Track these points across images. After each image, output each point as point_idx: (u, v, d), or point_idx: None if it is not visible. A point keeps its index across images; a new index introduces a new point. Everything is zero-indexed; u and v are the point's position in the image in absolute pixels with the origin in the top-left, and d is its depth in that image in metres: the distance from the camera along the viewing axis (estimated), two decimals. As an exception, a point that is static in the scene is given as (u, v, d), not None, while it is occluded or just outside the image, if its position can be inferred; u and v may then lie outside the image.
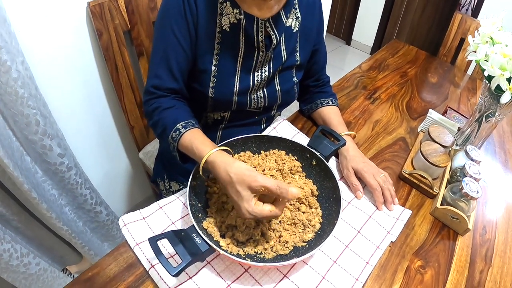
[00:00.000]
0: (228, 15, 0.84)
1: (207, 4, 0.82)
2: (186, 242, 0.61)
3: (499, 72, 0.83)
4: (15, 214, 1.20)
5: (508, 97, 0.83)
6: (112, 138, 1.52)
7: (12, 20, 0.94)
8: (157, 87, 0.85)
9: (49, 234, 1.39)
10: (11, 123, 1.05)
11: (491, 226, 0.92)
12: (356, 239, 0.79)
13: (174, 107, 0.84)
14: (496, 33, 0.88)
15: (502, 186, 1.06)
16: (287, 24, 0.92)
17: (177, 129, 0.79)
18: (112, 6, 1.14)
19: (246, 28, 0.85)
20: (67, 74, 1.20)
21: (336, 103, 1.11)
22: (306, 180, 0.84)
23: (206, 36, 0.85)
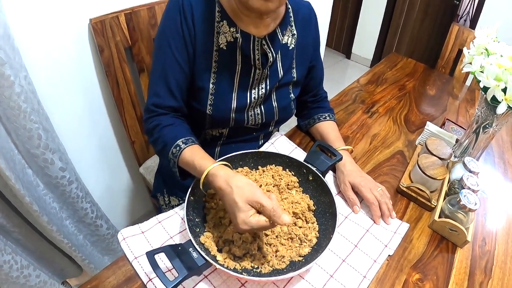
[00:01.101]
0: (225, 34, 0.86)
1: (205, 23, 0.85)
2: (183, 256, 0.62)
3: (494, 83, 0.84)
4: (16, 226, 1.22)
5: (504, 107, 0.84)
6: (113, 152, 1.54)
7: (15, 36, 0.97)
8: (156, 105, 0.87)
9: (49, 247, 1.40)
10: (13, 137, 1.07)
11: (491, 237, 0.92)
12: (353, 253, 0.79)
13: (173, 124, 0.86)
14: (491, 44, 0.90)
15: (502, 197, 1.06)
16: (283, 41, 0.94)
17: (177, 145, 0.80)
18: (113, 23, 1.17)
19: (242, 47, 0.87)
20: (69, 89, 1.23)
21: (334, 118, 1.13)
22: (302, 195, 0.85)
23: (203, 55, 0.87)
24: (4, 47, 0.91)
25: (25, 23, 1.02)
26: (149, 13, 1.25)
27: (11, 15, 0.95)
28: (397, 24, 3.81)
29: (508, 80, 0.82)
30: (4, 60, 0.91)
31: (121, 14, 1.17)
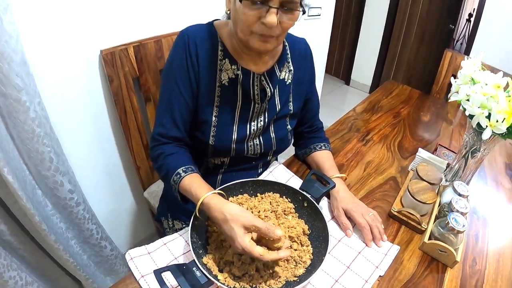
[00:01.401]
0: (227, 71, 0.94)
1: (208, 61, 0.92)
2: (187, 274, 0.67)
3: (479, 111, 0.90)
4: (22, 243, 1.25)
5: (489, 133, 0.89)
6: (119, 177, 1.60)
7: (30, 63, 1.03)
8: (162, 135, 0.94)
9: (53, 265, 1.43)
10: (25, 159, 1.13)
11: (482, 257, 0.96)
12: (345, 274, 0.84)
13: (176, 153, 0.93)
14: (477, 73, 0.97)
15: (494, 218, 1.10)
16: (281, 77, 1.02)
17: (178, 173, 0.87)
18: (122, 55, 1.24)
19: (243, 83, 0.95)
20: (79, 115, 1.30)
21: (329, 148, 1.19)
22: (298, 220, 0.91)
23: (207, 90, 0.95)
24: (21, 74, 0.98)
25: (40, 51, 1.09)
26: (156, 45, 1.33)
27: (27, 43, 1.03)
28: (394, 50, 3.90)
29: (492, 107, 0.88)
30: (21, 86, 0.98)
31: (130, 46, 1.26)
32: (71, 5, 1.10)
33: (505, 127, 0.87)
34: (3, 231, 1.15)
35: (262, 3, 0.77)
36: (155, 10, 1.34)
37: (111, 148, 1.48)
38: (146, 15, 1.32)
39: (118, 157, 1.53)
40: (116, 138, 1.46)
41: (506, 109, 0.86)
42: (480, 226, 1.06)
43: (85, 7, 1.14)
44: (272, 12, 0.77)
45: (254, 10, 0.78)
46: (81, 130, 1.33)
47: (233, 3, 0.83)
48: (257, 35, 0.82)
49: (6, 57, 0.93)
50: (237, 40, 0.91)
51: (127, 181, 1.64)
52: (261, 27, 0.80)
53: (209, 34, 0.94)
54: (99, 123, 1.38)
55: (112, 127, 1.43)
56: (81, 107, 1.29)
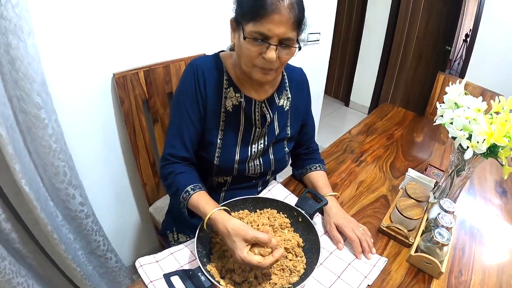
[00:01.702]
0: (231, 98, 1.04)
1: (215, 89, 1.03)
2: (193, 279, 0.77)
3: (460, 133, 0.99)
4: (31, 252, 1.32)
5: (470, 153, 0.97)
6: (126, 192, 1.68)
7: (49, 83, 1.13)
8: (172, 155, 1.03)
9: (59, 275, 1.49)
10: (41, 172, 1.21)
11: (468, 268, 1.02)
12: (336, 282, 0.91)
13: (185, 172, 1.02)
14: (460, 98, 1.06)
15: (480, 232, 1.17)
16: (280, 104, 1.12)
17: (187, 191, 0.96)
18: (133, 78, 1.35)
19: (245, 109, 1.06)
20: (91, 133, 1.39)
21: (324, 168, 1.28)
22: (293, 234, 0.99)
23: (213, 115, 1.05)
24: (42, 93, 1.08)
25: (58, 73, 1.20)
26: (164, 70, 1.44)
27: (46, 64, 1.12)
28: (392, 72, 3.99)
29: (473, 130, 0.96)
30: (41, 105, 1.08)
31: (140, 71, 1.36)
32: (88, 31, 1.22)
33: (485, 147, 0.95)
34: (13, 239, 1.22)
35: (263, 41, 0.88)
36: (163, 38, 1.45)
37: (119, 165, 1.57)
38: (155, 42, 1.43)
39: (126, 174, 1.62)
40: (125, 155, 1.55)
41: (486, 130, 0.95)
42: (467, 240, 1.13)
43: (101, 33, 1.25)
44: (271, 49, 0.88)
45: (256, 46, 0.89)
46: (93, 146, 1.43)
47: (237, 39, 0.94)
48: (258, 67, 0.93)
49: (28, 77, 1.03)
50: (240, 70, 1.02)
51: (133, 196, 1.72)
52: (262, 61, 0.91)
53: (216, 65, 1.05)
54: (110, 141, 1.47)
55: (122, 145, 1.52)
56: (93, 125, 1.39)
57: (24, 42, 1.00)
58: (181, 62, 1.50)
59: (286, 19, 0.85)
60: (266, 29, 0.85)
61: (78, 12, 1.17)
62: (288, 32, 0.87)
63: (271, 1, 0.83)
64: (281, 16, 0.84)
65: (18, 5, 0.95)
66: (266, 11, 0.83)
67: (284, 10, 0.84)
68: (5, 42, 0.98)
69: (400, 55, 3.89)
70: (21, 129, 1.12)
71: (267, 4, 0.83)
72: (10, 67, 1.02)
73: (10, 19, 0.96)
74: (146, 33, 1.39)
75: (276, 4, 0.83)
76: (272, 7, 0.83)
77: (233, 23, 0.96)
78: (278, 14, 0.84)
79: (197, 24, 1.56)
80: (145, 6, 1.34)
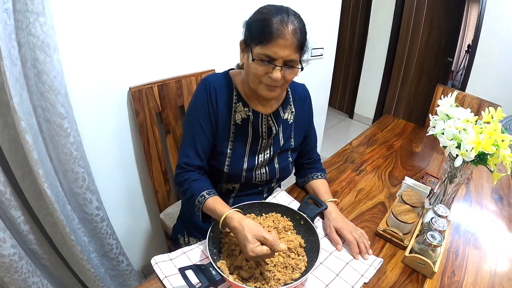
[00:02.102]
0: (240, 112, 1.14)
1: (225, 104, 1.13)
2: (205, 272, 0.85)
3: (450, 143, 1.06)
4: (46, 253, 1.39)
5: (460, 161, 1.04)
6: (138, 199, 1.76)
7: (70, 95, 1.22)
8: (187, 164, 1.12)
9: (71, 277, 1.56)
10: (60, 177, 1.30)
11: (461, 270, 1.07)
12: (335, 280, 0.99)
13: (199, 179, 1.11)
14: (451, 109, 1.13)
15: (475, 236, 1.22)
16: (284, 117, 1.22)
17: (203, 195, 1.05)
18: (148, 92, 1.44)
19: (253, 122, 1.16)
20: (108, 142, 1.48)
21: (325, 177, 1.37)
22: (296, 236, 1.07)
23: (224, 128, 1.14)
24: (65, 104, 1.18)
25: (79, 86, 1.29)
26: (176, 85, 1.53)
27: (68, 77, 1.22)
28: (395, 84, 4.04)
29: (462, 139, 1.04)
30: (64, 115, 1.18)
31: (154, 85, 1.45)
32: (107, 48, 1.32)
33: (473, 155, 1.02)
34: (31, 240, 1.30)
35: (269, 62, 0.98)
36: (176, 55, 1.56)
37: (133, 173, 1.65)
38: (168, 59, 1.53)
39: (139, 181, 1.70)
40: (138, 164, 1.64)
41: (474, 139, 1.02)
42: (461, 244, 1.18)
43: (118, 50, 1.36)
44: (277, 69, 0.99)
45: (263, 66, 1.00)
46: (108, 155, 1.51)
47: (246, 59, 1.05)
48: (264, 85, 1.04)
49: (54, 89, 1.13)
50: (248, 87, 1.12)
51: (145, 203, 1.80)
52: (268, 79, 1.01)
53: (226, 82, 1.15)
54: (125, 150, 1.56)
55: (136, 154, 1.61)
56: (110, 135, 1.48)
57: (51, 57, 1.10)
58: (192, 78, 1.60)
59: (290, 43, 0.96)
60: (272, 52, 0.96)
61: (98, 31, 1.28)
62: (292, 55, 0.98)
63: (277, 27, 0.94)
64: (286, 41, 0.95)
65: (46, 24, 1.06)
66: (272, 36, 0.94)
67: (288, 35, 0.95)
68: (33, 57, 1.09)
69: (402, 68, 3.95)
70: (44, 137, 1.21)
71: (273, 30, 0.94)
72: (37, 79, 1.12)
73: (38, 36, 1.06)
74: (160, 50, 1.49)
75: (281, 30, 0.94)
76: (277, 32, 0.94)
77: (242, 44, 1.07)
78: (283, 39, 0.95)
79: (207, 43, 1.67)
80: (160, 26, 1.45)
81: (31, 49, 1.08)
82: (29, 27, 1.05)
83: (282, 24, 0.94)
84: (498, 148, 1.02)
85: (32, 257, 1.33)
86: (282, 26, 0.94)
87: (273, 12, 0.97)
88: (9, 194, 1.16)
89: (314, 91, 1.33)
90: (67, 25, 1.19)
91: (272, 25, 0.94)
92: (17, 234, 1.26)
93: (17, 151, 1.17)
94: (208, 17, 1.62)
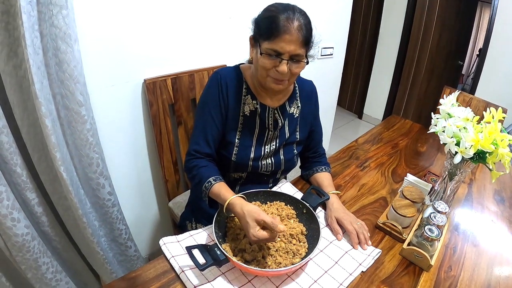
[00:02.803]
0: (249, 104, 1.20)
1: (235, 96, 1.19)
2: (210, 252, 0.91)
3: (450, 140, 1.10)
4: (57, 235, 1.45)
5: (459, 158, 1.08)
6: (148, 187, 1.82)
7: (88, 84, 1.28)
8: (196, 151, 1.18)
9: (80, 260, 1.62)
10: (75, 162, 1.36)
11: (458, 265, 1.09)
12: (334, 267, 1.03)
13: (207, 166, 1.17)
14: (453, 108, 1.17)
15: (474, 234, 1.25)
16: (290, 112, 1.27)
17: (209, 181, 1.10)
18: (162, 84, 1.49)
19: (260, 114, 1.21)
20: (122, 131, 1.53)
21: (329, 170, 1.41)
22: (298, 223, 1.12)
23: (233, 118, 1.20)
24: (83, 92, 1.24)
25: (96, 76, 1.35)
26: (189, 78, 1.58)
27: (86, 67, 1.27)
28: (405, 86, 4.03)
29: (462, 137, 1.08)
30: (82, 103, 1.24)
31: (168, 78, 1.51)
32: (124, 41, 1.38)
33: (472, 152, 1.06)
34: (44, 222, 1.36)
35: (276, 56, 1.04)
36: (189, 50, 1.61)
37: (144, 161, 1.71)
38: (182, 53, 1.59)
39: (150, 170, 1.76)
40: (150, 153, 1.70)
41: (473, 137, 1.06)
42: (459, 241, 1.20)
43: (135, 44, 1.41)
44: (283, 63, 1.04)
45: (271, 60, 1.05)
46: (122, 143, 1.57)
47: (255, 54, 1.11)
48: (272, 78, 1.09)
49: (73, 78, 1.19)
50: (257, 81, 1.18)
51: (154, 191, 1.85)
52: (275, 73, 1.07)
53: (236, 75, 1.21)
54: (137, 139, 1.62)
55: (148, 144, 1.67)
56: (124, 124, 1.53)
57: (72, 47, 1.16)
58: (204, 72, 1.65)
59: (296, 38, 1.01)
60: (279, 46, 1.02)
61: (116, 25, 1.34)
62: (297, 49, 1.03)
63: (283, 24, 1.00)
64: (291, 36, 1.01)
65: (68, 16, 1.12)
66: (279, 32, 1.00)
67: (294, 31, 1.00)
68: (54, 47, 1.15)
69: (413, 70, 3.94)
70: (62, 123, 1.27)
71: (280, 26, 1.00)
72: (57, 68, 1.18)
73: (60, 27, 1.12)
74: (174, 45, 1.55)
75: (287, 26, 1.00)
76: (283, 28, 1.00)
77: (251, 40, 1.14)
78: (289, 35, 1.00)
79: (220, 39, 1.72)
80: (174, 22, 1.51)
81: (53, 39, 1.14)
82: (51, 18, 1.11)
83: (288, 20, 1.00)
84: (497, 147, 1.05)
85: (44, 238, 1.39)
86: (288, 22, 1.00)
87: (280, 9, 1.03)
88: (25, 176, 1.23)
89: (323, 90, 1.38)
90: (88, 18, 1.25)
91: (279, 21, 1.00)
92: (31, 215, 1.32)
93: (35, 135, 1.23)
94: (221, 15, 1.68)
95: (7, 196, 1.13)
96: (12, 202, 1.16)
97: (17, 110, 1.18)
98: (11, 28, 1.08)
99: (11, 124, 1.16)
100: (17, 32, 1.06)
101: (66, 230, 1.52)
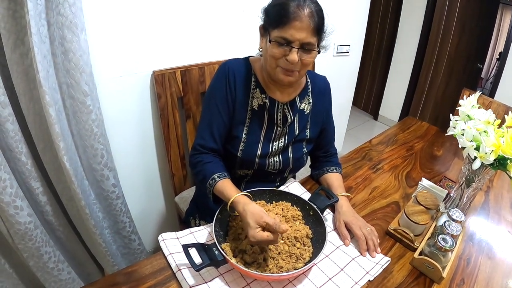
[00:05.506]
0: (257, 98, 1.15)
1: (243, 89, 1.14)
2: (208, 252, 0.87)
3: (469, 144, 1.04)
4: (61, 225, 1.44)
5: (478, 163, 1.02)
6: (154, 181, 1.80)
7: (95, 74, 1.26)
8: (202, 146, 1.14)
9: (83, 251, 1.61)
10: (80, 152, 1.35)
11: (471, 278, 1.03)
12: (339, 274, 0.98)
13: (212, 162, 1.13)
14: (472, 110, 1.11)
15: (490, 246, 1.18)
16: (301, 107, 1.22)
17: (213, 178, 1.06)
18: (171, 77, 1.46)
19: (269, 109, 1.16)
20: (128, 123, 1.52)
21: (340, 171, 1.36)
22: (304, 226, 1.07)
23: (240, 112, 1.15)
24: (89, 82, 1.22)
25: (104, 67, 1.33)
26: (199, 71, 1.55)
27: (94, 57, 1.25)
28: (422, 88, 3.97)
29: (482, 141, 1.01)
30: (87, 93, 1.22)
31: (177, 70, 1.48)
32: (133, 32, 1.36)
33: (492, 158, 0.99)
34: (47, 211, 1.35)
35: (286, 45, 0.99)
36: (200, 42, 1.58)
37: (151, 155, 1.69)
38: (193, 45, 1.56)
39: (156, 163, 1.74)
40: (157, 147, 1.68)
41: (494, 142, 0.99)
42: (474, 252, 1.14)
43: (144, 34, 1.39)
44: (294, 51, 0.99)
45: (280, 49, 1.00)
46: (129, 135, 1.55)
47: (264, 43, 1.06)
48: (281, 68, 1.04)
49: (79, 68, 1.17)
50: (266, 73, 1.13)
51: (161, 185, 1.84)
52: (285, 62, 1.02)
53: (245, 68, 1.16)
54: (145, 132, 1.60)
55: (155, 137, 1.65)
56: (131, 116, 1.51)
57: (78, 36, 1.14)
58: (215, 65, 1.61)
59: (306, 25, 0.96)
60: (289, 34, 0.97)
61: (125, 14, 1.31)
62: (309, 37, 0.98)
63: (293, 10, 0.95)
64: (302, 23, 0.96)
65: (74, 4, 1.10)
66: (288, 19, 0.95)
67: (304, 17, 0.95)
68: (61, 35, 1.13)
69: (431, 71, 3.88)
70: (67, 113, 1.26)
71: (290, 13, 0.95)
72: (63, 57, 1.16)
73: (67, 16, 1.10)
74: (185, 36, 1.52)
75: (297, 12, 0.95)
76: (293, 15, 0.95)
77: (261, 29, 1.09)
78: (299, 21, 0.96)
79: (232, 32, 1.69)
80: (185, 13, 1.47)
81: (59, 28, 1.12)
82: (58, 7, 1.09)
83: (298, 7, 0.95)
84: (518, 153, 0.99)
85: (47, 227, 1.38)
86: (298, 9, 0.95)
87: None
88: (30, 165, 1.22)
89: (338, 87, 1.33)
90: (95, 7, 1.23)
91: (288, 8, 0.96)
92: (35, 204, 1.31)
93: (40, 124, 1.22)
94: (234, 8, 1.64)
95: (10, 183, 1.12)
96: (16, 190, 1.15)
97: (23, 99, 1.17)
98: (18, 16, 1.06)
99: (17, 113, 1.15)
100: (24, 20, 1.04)
101: (70, 220, 1.51)
